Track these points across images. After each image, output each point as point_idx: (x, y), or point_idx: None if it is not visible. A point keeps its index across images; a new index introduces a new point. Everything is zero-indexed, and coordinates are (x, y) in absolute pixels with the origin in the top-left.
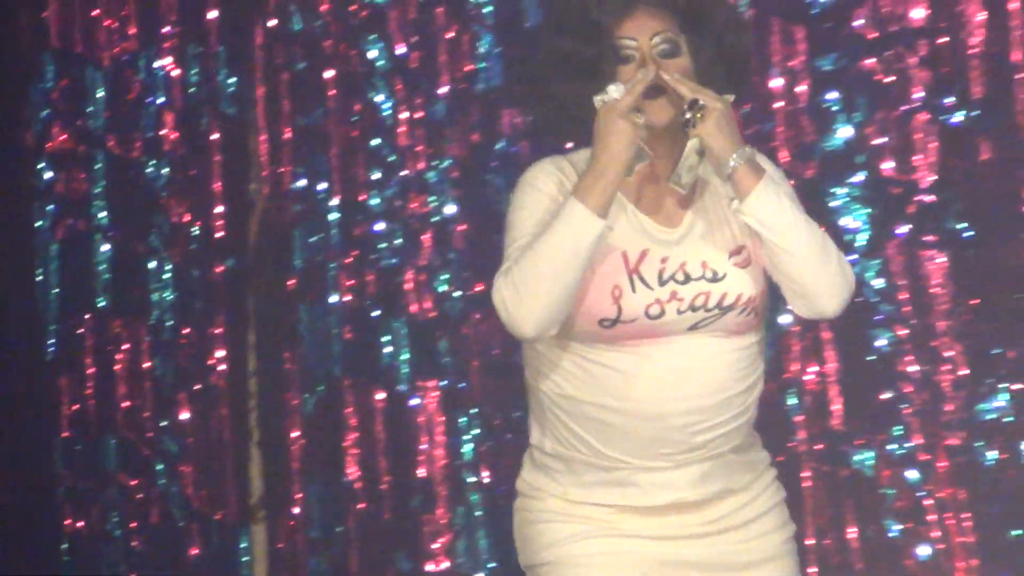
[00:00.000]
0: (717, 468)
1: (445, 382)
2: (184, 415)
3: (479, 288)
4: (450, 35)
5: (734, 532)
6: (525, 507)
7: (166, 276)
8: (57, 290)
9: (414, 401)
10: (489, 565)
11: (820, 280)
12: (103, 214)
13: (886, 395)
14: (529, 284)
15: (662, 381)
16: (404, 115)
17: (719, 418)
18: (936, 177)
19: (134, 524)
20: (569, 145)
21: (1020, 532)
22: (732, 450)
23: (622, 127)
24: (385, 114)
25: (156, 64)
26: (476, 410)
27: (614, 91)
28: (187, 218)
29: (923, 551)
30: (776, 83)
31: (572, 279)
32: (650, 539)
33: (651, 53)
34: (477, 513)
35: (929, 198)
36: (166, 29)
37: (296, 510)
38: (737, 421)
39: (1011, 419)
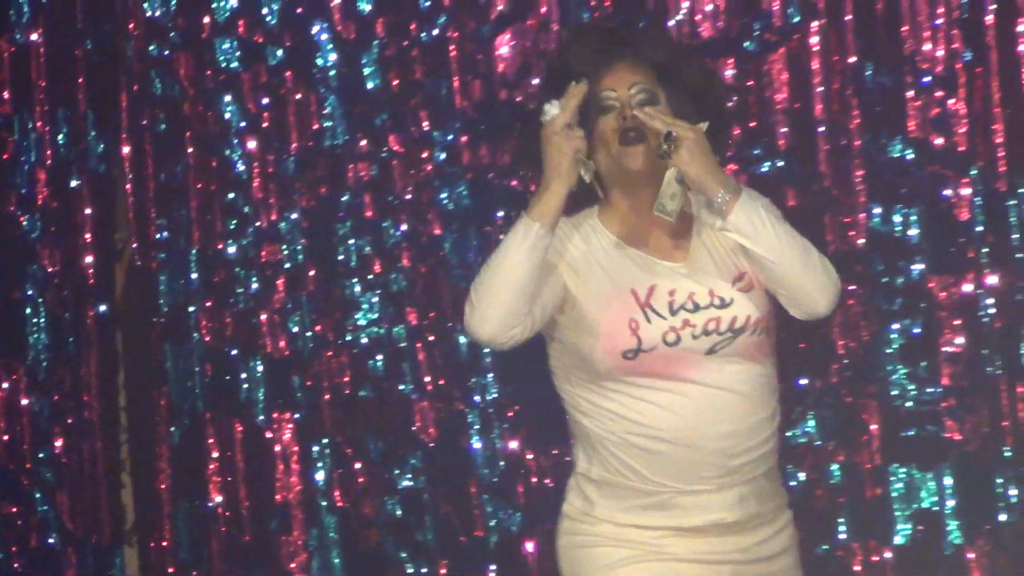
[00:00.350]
0: (752, 492)
1: (299, 415)
2: (60, 447)
3: (321, 328)
4: (298, 96)
5: (765, 563)
6: (573, 530)
7: (41, 320)
8: None
9: (270, 433)
10: None
11: (808, 282)
12: None
13: None
14: (482, 292)
15: (696, 410)
16: (257, 170)
17: (751, 442)
18: None
19: (15, 548)
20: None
21: (827, 547)
22: (764, 475)
23: (557, 142)
24: (240, 170)
25: (30, 126)
26: (327, 440)
27: (551, 109)
28: (59, 267)
29: None
30: None
31: (519, 284)
32: (694, 563)
33: (630, 102)
34: (331, 535)
35: None
36: (39, 94)
37: (165, 533)
38: (767, 446)
39: (819, 443)
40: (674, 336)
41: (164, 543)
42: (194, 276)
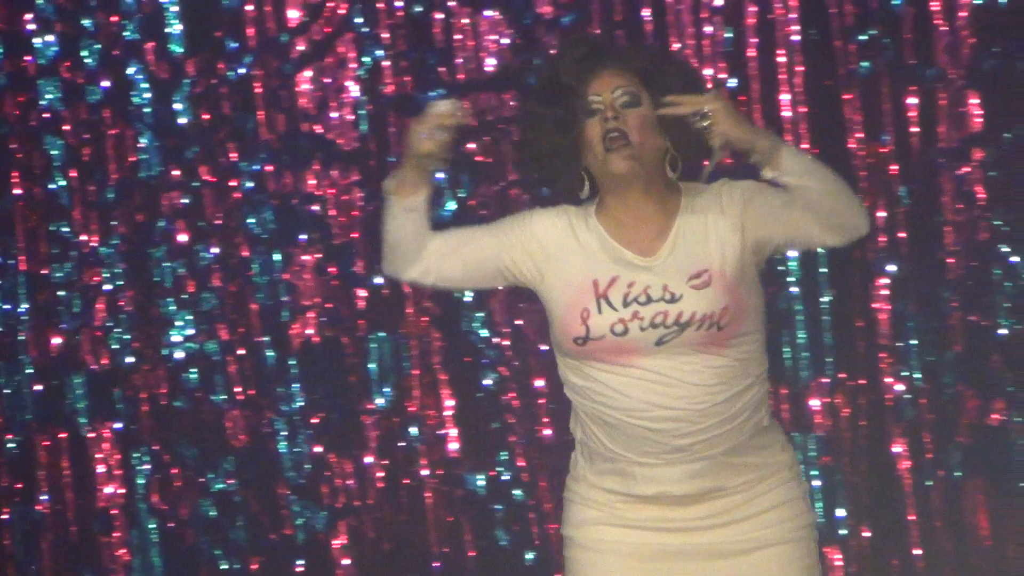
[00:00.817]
0: (708, 468)
1: (120, 424)
2: None
3: (139, 344)
4: (115, 132)
5: (734, 526)
6: (567, 486)
7: None
8: None
9: (93, 439)
10: None
11: (851, 202)
12: None
13: (494, 426)
14: (382, 244)
15: (641, 393)
16: (79, 200)
17: (701, 425)
18: None
19: None
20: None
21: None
22: (726, 452)
23: (417, 131)
24: (63, 200)
25: None
26: (146, 447)
27: (440, 104)
28: None
29: (529, 555)
30: None
31: (394, 240)
32: (652, 530)
33: (613, 104)
34: (151, 536)
35: None
36: None
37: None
38: (723, 427)
39: None
40: (622, 327)
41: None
42: (22, 297)
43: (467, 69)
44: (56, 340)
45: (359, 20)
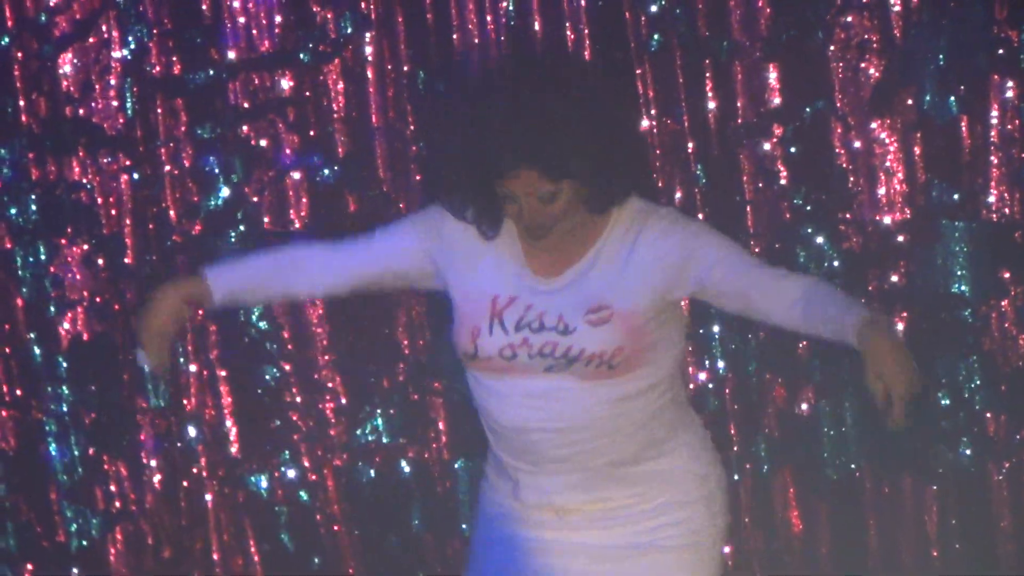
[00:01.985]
0: (590, 480)
1: None
2: None
3: None
4: None
5: (618, 528)
6: (480, 485)
7: None
8: None
9: None
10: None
11: None
12: None
13: (276, 423)
14: None
15: (520, 406)
16: None
17: (576, 437)
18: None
19: None
20: None
21: (399, 540)
22: (609, 464)
23: (150, 323)
24: None
25: None
26: None
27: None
28: None
29: (316, 560)
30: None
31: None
32: (540, 527)
33: (532, 203)
34: None
35: None
36: None
37: None
38: (604, 439)
39: (388, 440)
40: (511, 352)
41: None
42: None
43: (237, 48)
44: None
45: None
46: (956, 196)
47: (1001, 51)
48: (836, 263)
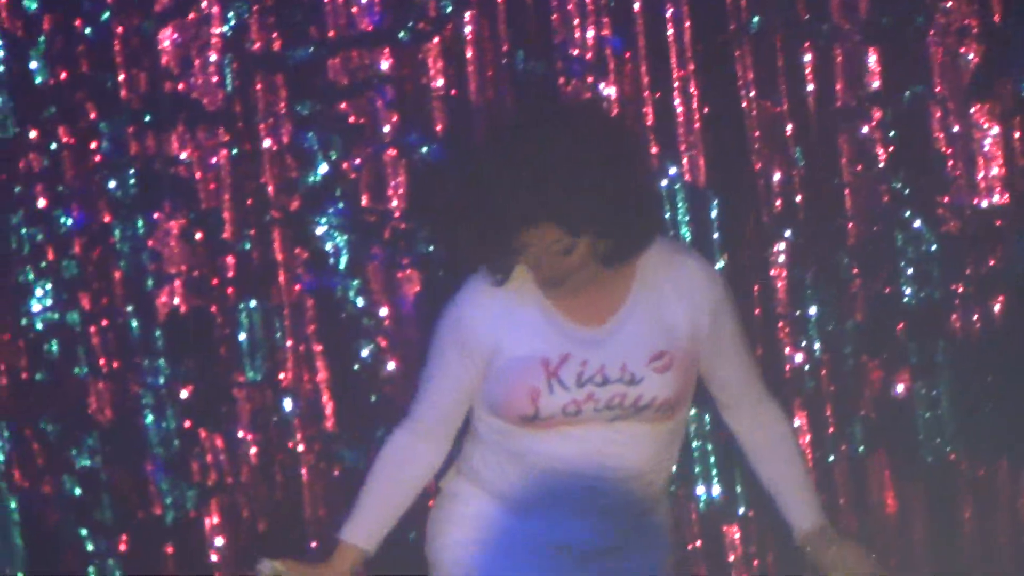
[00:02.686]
0: (613, 527)
1: None
2: None
3: None
4: None
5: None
6: (441, 504)
7: None
8: None
9: None
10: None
11: None
12: None
13: (372, 399)
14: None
15: (580, 455)
16: None
17: (631, 483)
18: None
19: None
20: None
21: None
22: (637, 513)
23: None
24: None
25: None
26: (5, 423)
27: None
28: None
29: (412, 535)
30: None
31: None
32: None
33: (548, 257)
34: (12, 516)
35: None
36: None
37: None
38: (641, 480)
39: None
40: (575, 408)
41: None
42: None
43: (337, 25)
44: None
45: None
46: None
47: None
48: (933, 247)
